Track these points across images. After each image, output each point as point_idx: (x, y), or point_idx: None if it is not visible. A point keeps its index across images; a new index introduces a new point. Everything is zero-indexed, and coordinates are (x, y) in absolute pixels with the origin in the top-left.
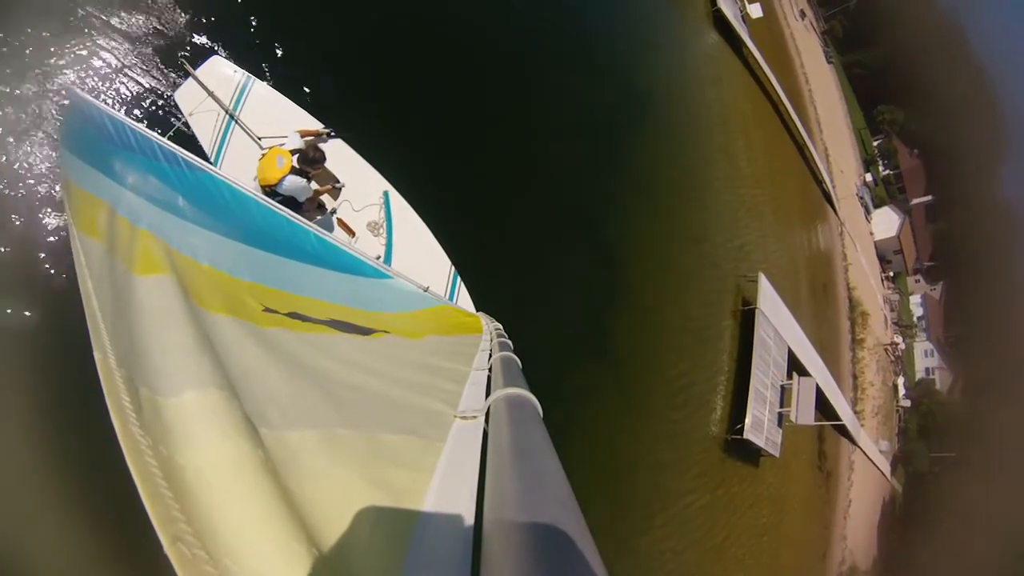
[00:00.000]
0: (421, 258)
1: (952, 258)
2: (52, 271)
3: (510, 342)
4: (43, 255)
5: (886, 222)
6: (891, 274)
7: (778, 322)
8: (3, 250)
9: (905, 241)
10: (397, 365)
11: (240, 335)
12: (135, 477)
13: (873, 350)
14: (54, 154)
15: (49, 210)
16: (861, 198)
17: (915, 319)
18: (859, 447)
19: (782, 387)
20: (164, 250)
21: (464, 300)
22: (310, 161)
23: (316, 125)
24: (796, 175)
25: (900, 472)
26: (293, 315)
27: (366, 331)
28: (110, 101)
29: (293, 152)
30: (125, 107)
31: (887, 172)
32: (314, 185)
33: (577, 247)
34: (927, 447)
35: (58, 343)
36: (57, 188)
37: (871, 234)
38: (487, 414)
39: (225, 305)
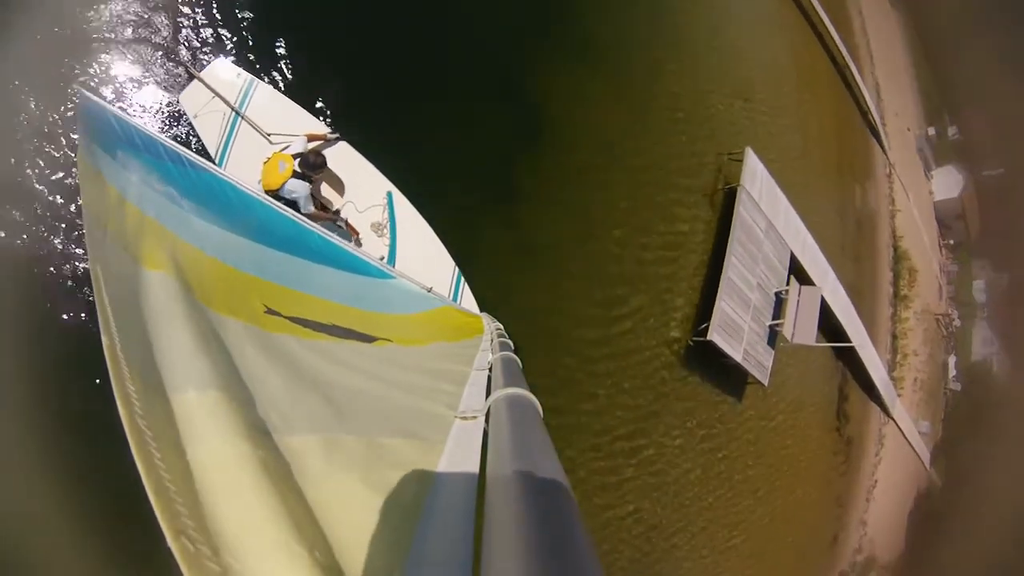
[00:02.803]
0: (425, 258)
1: None
2: (64, 255)
3: (511, 342)
4: (57, 240)
5: (948, 182)
6: (951, 242)
7: (773, 213)
8: (16, 240)
9: (969, 206)
10: (398, 369)
11: (242, 338)
12: (140, 468)
13: (921, 316)
14: (65, 148)
15: (63, 199)
16: (921, 151)
17: (977, 303)
18: (893, 419)
19: (777, 295)
20: (170, 242)
21: (468, 300)
22: (311, 166)
23: (321, 128)
24: (829, 87)
25: (942, 463)
26: (295, 320)
27: (369, 338)
28: (117, 104)
29: (295, 156)
30: (131, 110)
31: (956, 136)
32: (324, 193)
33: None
34: (976, 439)
35: (65, 334)
36: (72, 176)
37: (930, 193)
38: (487, 414)
39: (228, 305)
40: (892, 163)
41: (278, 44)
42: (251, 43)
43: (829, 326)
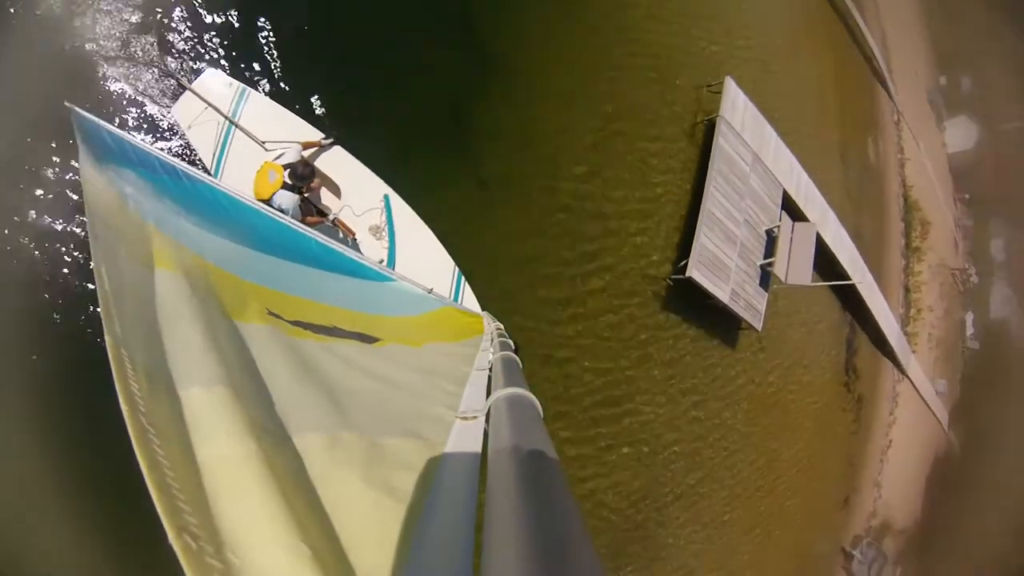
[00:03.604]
0: (424, 260)
1: None
2: (64, 256)
3: (511, 342)
4: (57, 242)
5: (962, 133)
6: (967, 196)
7: (761, 147)
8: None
9: (986, 160)
10: (399, 369)
11: (246, 338)
12: (142, 465)
13: (936, 270)
14: (60, 155)
15: (61, 206)
16: (932, 101)
17: (995, 261)
18: (908, 377)
19: (768, 234)
20: (174, 247)
21: (469, 300)
22: (300, 176)
23: (314, 134)
24: (829, 30)
25: (960, 426)
26: (297, 323)
27: (371, 339)
28: (110, 119)
29: (285, 167)
30: (125, 124)
31: (970, 87)
32: (321, 197)
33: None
34: (997, 401)
35: (65, 333)
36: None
37: (943, 144)
38: (487, 414)
39: (231, 307)
40: (900, 110)
41: (265, 49)
42: (240, 51)
43: (833, 274)
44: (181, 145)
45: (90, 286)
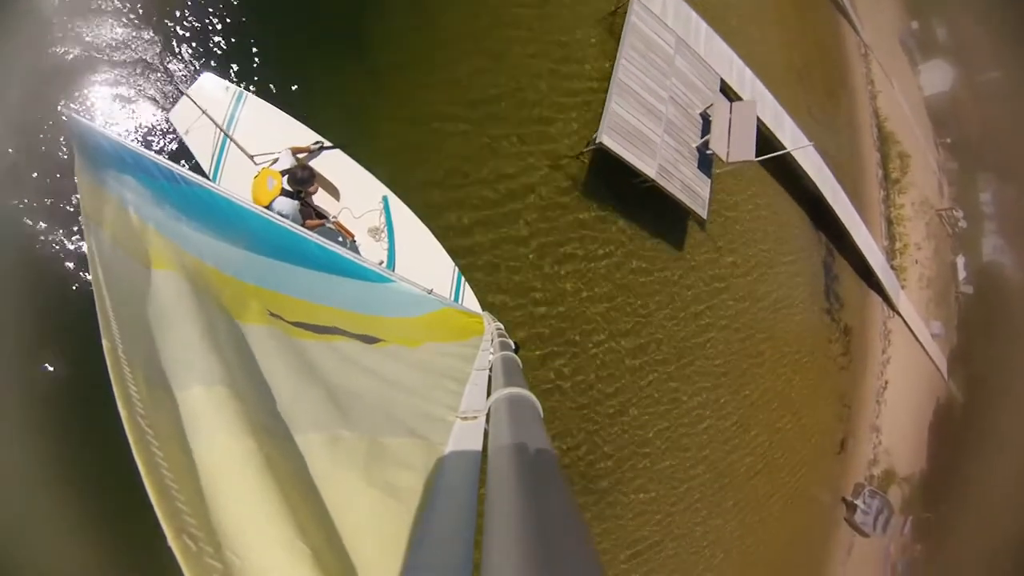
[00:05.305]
0: (424, 261)
1: None
2: (60, 260)
3: (511, 342)
4: (54, 245)
5: (938, 76)
6: (948, 140)
7: (688, 33)
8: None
9: (967, 109)
10: (400, 369)
11: (246, 338)
12: (141, 468)
13: (919, 207)
14: (57, 161)
15: (60, 203)
16: (904, 43)
17: (984, 215)
18: (899, 314)
19: (704, 116)
20: (172, 248)
21: (469, 300)
22: (299, 181)
23: (308, 138)
24: None
25: (960, 373)
26: (298, 324)
27: (371, 339)
28: (108, 125)
29: (283, 173)
30: (123, 130)
31: (946, 37)
32: (320, 200)
33: None
34: (997, 347)
35: (64, 333)
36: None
37: (919, 88)
38: (488, 414)
39: (231, 308)
40: (867, 44)
41: (256, 49)
42: (235, 52)
43: (793, 181)
44: (179, 150)
45: (87, 289)
